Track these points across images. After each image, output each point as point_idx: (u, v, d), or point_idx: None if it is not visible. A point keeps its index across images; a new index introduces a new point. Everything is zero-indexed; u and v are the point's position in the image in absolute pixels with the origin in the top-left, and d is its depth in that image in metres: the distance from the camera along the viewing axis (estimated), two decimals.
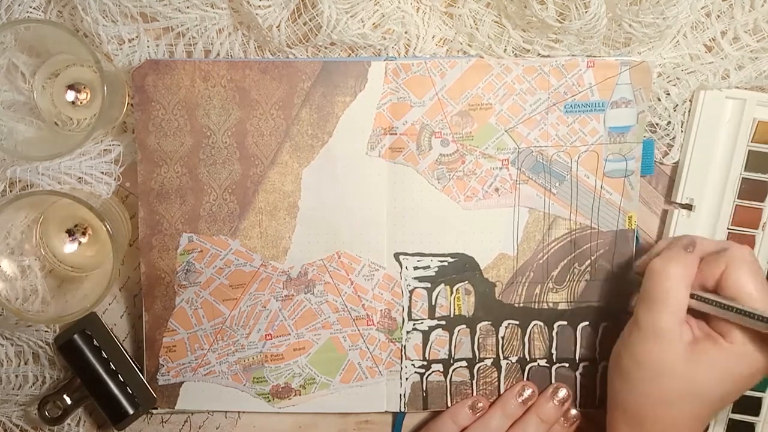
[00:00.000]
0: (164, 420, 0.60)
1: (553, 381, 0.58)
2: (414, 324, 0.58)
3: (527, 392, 0.57)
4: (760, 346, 0.47)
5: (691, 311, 0.49)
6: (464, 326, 0.58)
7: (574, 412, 0.58)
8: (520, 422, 0.57)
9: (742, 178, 0.57)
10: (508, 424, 0.57)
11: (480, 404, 0.58)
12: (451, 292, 0.57)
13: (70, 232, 0.57)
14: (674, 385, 0.48)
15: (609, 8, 0.51)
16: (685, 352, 0.47)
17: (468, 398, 0.58)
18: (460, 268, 0.57)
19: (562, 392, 0.57)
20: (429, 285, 0.57)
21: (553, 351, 0.58)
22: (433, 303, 0.57)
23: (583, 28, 0.51)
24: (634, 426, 0.50)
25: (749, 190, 0.57)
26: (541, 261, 0.57)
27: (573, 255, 0.57)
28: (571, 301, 0.57)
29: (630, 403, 0.50)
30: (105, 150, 0.56)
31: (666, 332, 0.48)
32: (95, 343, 0.56)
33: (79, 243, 0.57)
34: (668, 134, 0.57)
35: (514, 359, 0.58)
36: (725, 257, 0.48)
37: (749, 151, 0.56)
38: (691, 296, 0.48)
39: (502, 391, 0.58)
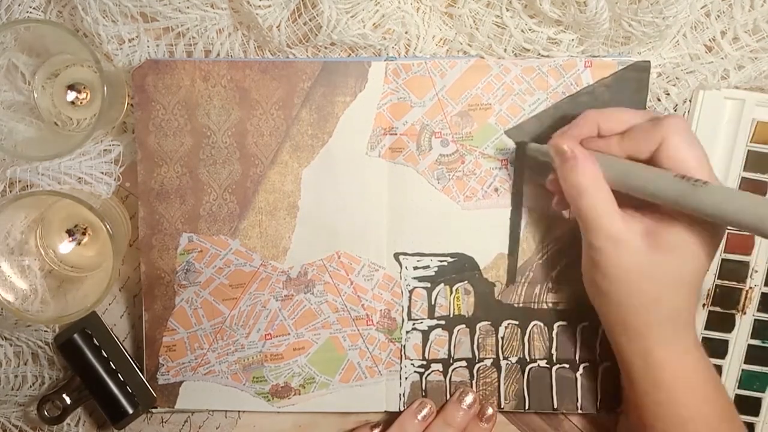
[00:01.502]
0: (164, 420, 0.60)
1: (553, 382, 0.58)
2: (413, 324, 0.58)
3: (468, 398, 0.57)
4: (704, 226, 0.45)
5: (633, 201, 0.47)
6: (464, 326, 0.58)
7: (490, 411, 0.57)
8: (428, 429, 0.57)
9: (742, 178, 0.57)
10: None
11: (426, 409, 0.58)
12: (451, 292, 0.57)
13: (70, 232, 0.57)
14: (642, 283, 0.46)
15: (609, 7, 0.51)
16: (643, 246, 0.46)
17: (415, 402, 0.58)
18: (459, 268, 0.57)
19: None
20: (429, 285, 0.57)
21: (554, 352, 0.58)
22: (433, 303, 0.57)
23: (590, 22, 0.51)
24: (625, 333, 0.49)
25: (748, 190, 0.57)
26: (541, 261, 0.57)
27: (573, 256, 0.57)
28: (571, 302, 0.57)
29: (613, 313, 0.49)
30: (105, 150, 0.56)
31: (614, 239, 0.46)
32: (95, 342, 0.56)
33: (79, 243, 0.57)
34: None
35: (514, 359, 0.58)
36: (662, 129, 0.45)
37: (748, 151, 0.56)
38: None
39: (502, 391, 0.58)
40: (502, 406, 0.58)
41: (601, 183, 0.47)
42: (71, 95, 0.56)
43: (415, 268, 0.57)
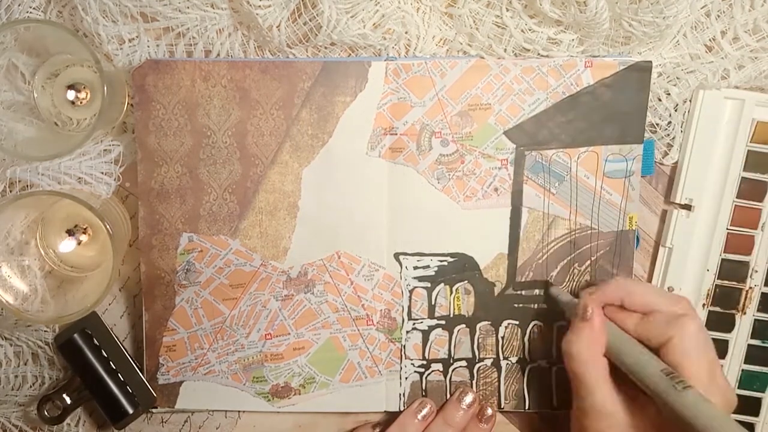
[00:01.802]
0: (164, 420, 0.60)
1: (553, 382, 0.58)
2: (414, 324, 0.58)
3: (425, 410, 0.57)
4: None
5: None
6: (464, 326, 0.58)
7: (489, 411, 0.57)
8: (428, 428, 0.57)
9: (742, 178, 0.57)
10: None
11: (426, 409, 0.58)
12: (451, 292, 0.57)
13: (70, 232, 0.57)
14: None
15: (609, 7, 0.51)
16: (625, 420, 0.47)
17: (415, 402, 0.58)
18: (459, 268, 0.57)
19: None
20: (429, 285, 0.57)
21: (553, 352, 0.58)
22: (433, 303, 0.57)
23: (591, 22, 0.51)
24: None
25: (748, 190, 0.57)
26: (540, 261, 0.57)
27: (573, 255, 0.57)
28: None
29: None
30: (105, 150, 0.56)
31: (599, 410, 0.48)
32: (95, 342, 0.56)
33: (79, 243, 0.57)
34: (668, 134, 0.57)
35: (514, 359, 0.58)
36: (674, 328, 0.47)
37: (748, 151, 0.56)
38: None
39: (502, 391, 0.58)
40: (502, 406, 0.58)
41: (599, 356, 0.49)
42: (71, 95, 0.56)
43: (415, 268, 0.57)
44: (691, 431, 0.43)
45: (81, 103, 0.56)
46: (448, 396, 0.58)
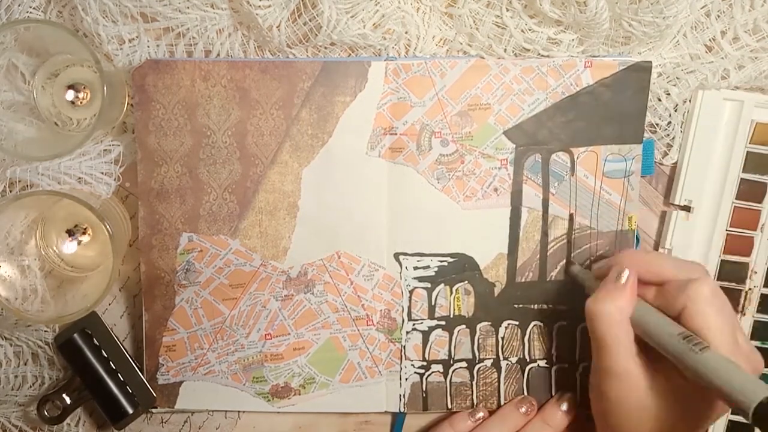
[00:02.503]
0: (164, 420, 0.60)
1: (553, 382, 0.58)
2: (414, 324, 0.58)
3: (526, 406, 0.58)
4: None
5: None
6: (464, 326, 0.58)
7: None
8: (525, 428, 0.57)
9: (741, 179, 0.57)
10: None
11: (480, 414, 0.58)
12: (451, 292, 0.57)
13: (71, 232, 0.57)
14: (638, 413, 0.48)
15: (609, 7, 0.51)
16: (647, 387, 0.47)
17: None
18: (459, 268, 0.57)
19: (567, 403, 0.57)
20: (429, 285, 0.57)
21: (553, 352, 0.58)
22: (433, 303, 0.57)
23: (590, 22, 0.51)
24: None
25: (747, 191, 0.57)
26: (540, 261, 0.57)
27: (572, 255, 0.57)
28: (571, 302, 0.57)
29: (605, 428, 0.51)
30: (105, 150, 0.56)
31: (621, 373, 0.48)
32: (95, 342, 0.56)
33: (79, 243, 0.57)
34: (668, 134, 0.57)
35: (514, 360, 0.58)
36: (685, 295, 0.46)
37: (747, 152, 0.56)
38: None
39: (502, 392, 0.58)
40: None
41: (626, 319, 0.48)
42: (71, 95, 0.56)
43: (415, 268, 0.57)
44: (715, 393, 0.42)
45: (81, 103, 0.56)
46: (449, 398, 0.58)
